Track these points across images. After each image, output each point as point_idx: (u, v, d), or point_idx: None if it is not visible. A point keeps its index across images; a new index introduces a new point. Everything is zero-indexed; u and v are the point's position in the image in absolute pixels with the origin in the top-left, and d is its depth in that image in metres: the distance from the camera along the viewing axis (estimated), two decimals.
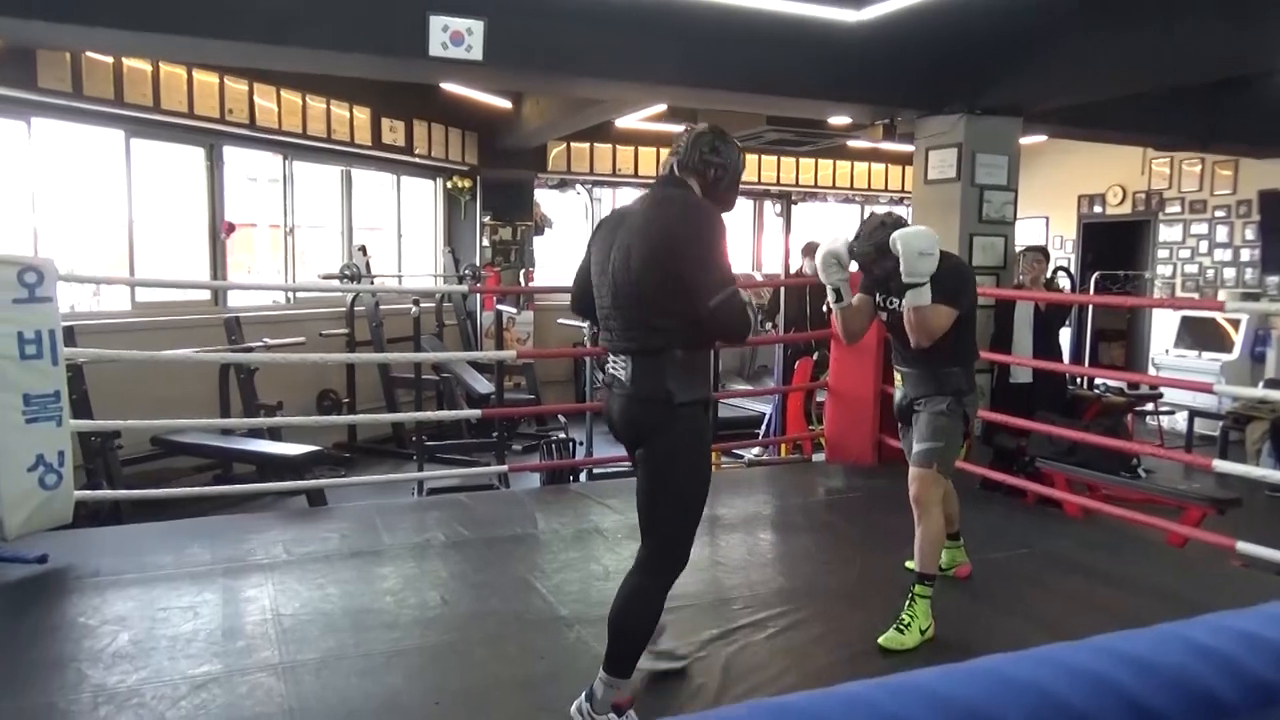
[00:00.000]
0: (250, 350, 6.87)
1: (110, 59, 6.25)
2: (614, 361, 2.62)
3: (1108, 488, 5.29)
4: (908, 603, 3.26)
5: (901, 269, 3.22)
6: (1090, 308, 9.34)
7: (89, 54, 6.09)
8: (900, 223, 3.40)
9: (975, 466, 5.58)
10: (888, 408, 5.80)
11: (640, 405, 2.55)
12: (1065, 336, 8.42)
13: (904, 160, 11.19)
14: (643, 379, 2.53)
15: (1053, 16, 5.62)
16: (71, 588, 3.64)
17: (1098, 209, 11.33)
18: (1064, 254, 11.30)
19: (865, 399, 5.77)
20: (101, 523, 4.92)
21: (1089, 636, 0.72)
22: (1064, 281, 8.61)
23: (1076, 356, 9.24)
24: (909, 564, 3.65)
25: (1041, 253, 6.77)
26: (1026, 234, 10.21)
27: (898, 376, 3.66)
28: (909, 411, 3.55)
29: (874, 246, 3.36)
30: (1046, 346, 6.47)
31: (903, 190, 12.49)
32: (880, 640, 3.18)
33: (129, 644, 3.10)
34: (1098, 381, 8.35)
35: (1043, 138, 9.11)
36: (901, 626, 3.21)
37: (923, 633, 3.21)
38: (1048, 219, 11.64)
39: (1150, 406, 8.95)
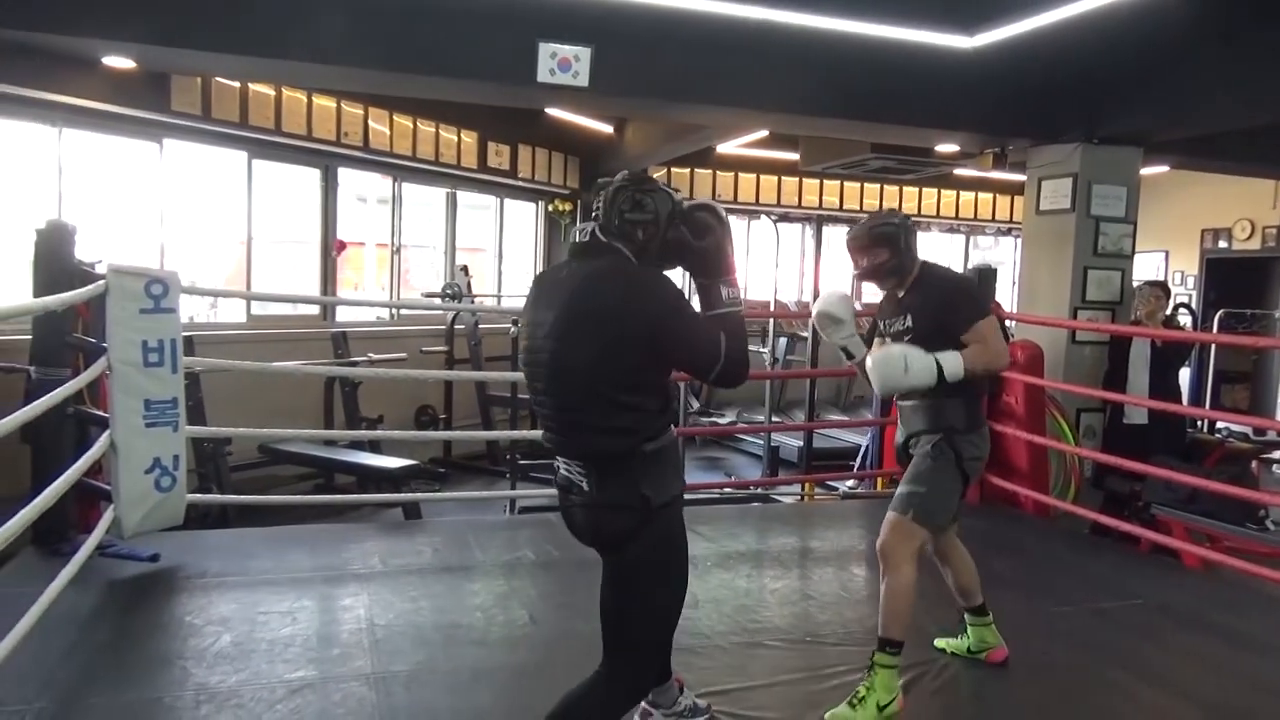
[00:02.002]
0: (355, 364, 7.09)
1: (237, 84, 6.60)
2: (567, 464, 2.22)
3: (1231, 539, 4.95)
4: (868, 671, 2.83)
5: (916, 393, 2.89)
6: (1213, 348, 8.84)
7: (218, 79, 6.43)
8: (907, 220, 3.00)
9: (1086, 510, 5.32)
10: (992, 445, 5.58)
11: (610, 513, 2.17)
12: (1185, 377, 7.99)
13: (1013, 190, 10.87)
14: (610, 485, 2.15)
15: (1180, 41, 5.37)
16: (180, 587, 3.79)
17: (1223, 244, 10.76)
18: (1185, 290, 10.76)
19: None
20: (210, 525, 5.11)
21: (1209, 697, 0.64)
22: (1185, 319, 8.19)
23: (1196, 398, 8.75)
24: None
25: (1161, 288, 6.44)
26: (1144, 269, 9.75)
27: (899, 413, 3.21)
28: (905, 452, 3.10)
29: (870, 235, 2.97)
30: (1164, 387, 6.12)
31: (1011, 220, 12.13)
32: (827, 715, 2.76)
33: (230, 645, 3.20)
34: (1220, 426, 7.87)
35: (1164, 168, 8.72)
36: (855, 700, 2.77)
37: (880, 708, 2.74)
38: (1167, 253, 11.12)
39: (1279, 454, 8.39)
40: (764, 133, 8.40)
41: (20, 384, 4.57)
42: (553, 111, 8.44)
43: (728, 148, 9.79)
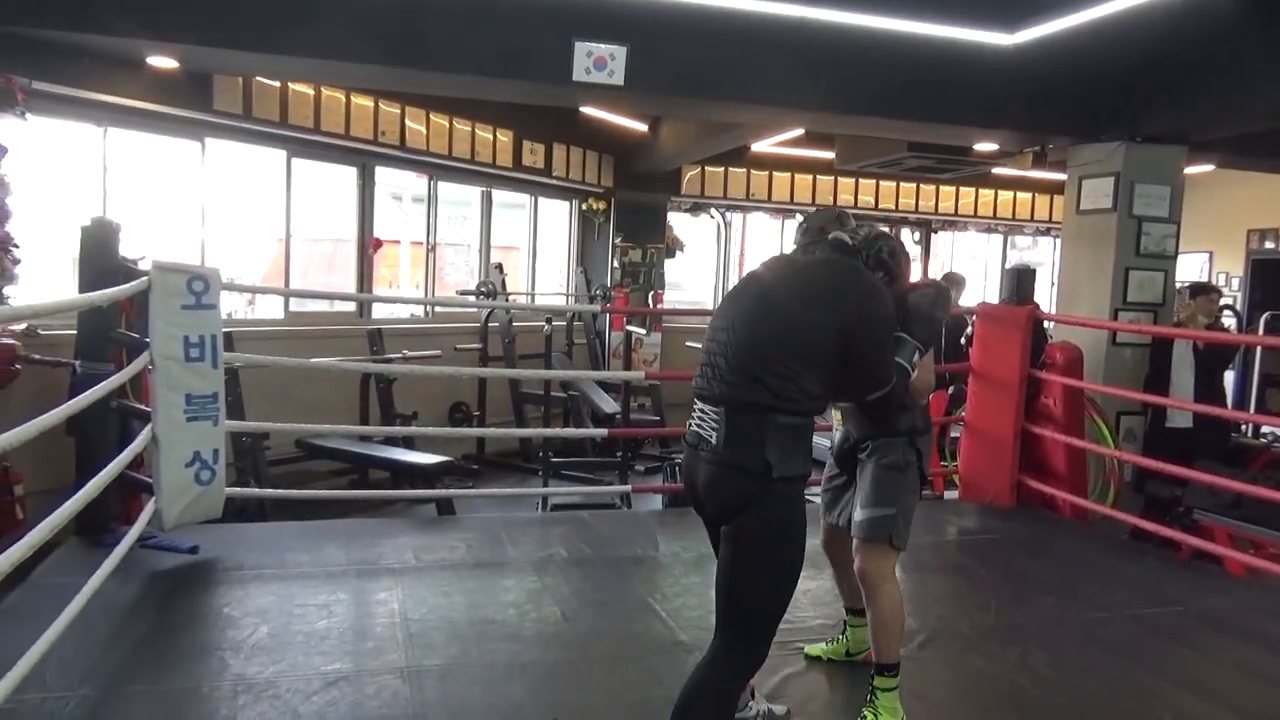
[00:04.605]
0: (390, 361, 7.15)
1: (277, 84, 6.68)
2: (702, 413, 2.30)
3: (1276, 546, 4.85)
4: (868, 698, 2.74)
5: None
6: (1258, 350, 8.65)
7: (258, 79, 6.52)
8: (887, 236, 2.76)
9: (1125, 515, 5.24)
10: (1029, 447, 5.55)
11: (731, 476, 2.23)
12: (1230, 381, 7.83)
13: (1053, 189, 10.73)
14: (737, 443, 2.21)
15: (1225, 37, 5.26)
16: (219, 579, 3.85)
17: (1269, 244, 10.52)
18: (1230, 292, 10.54)
19: (1005, 437, 5.50)
20: (248, 518, 5.18)
21: (1250, 706, 0.62)
22: (1230, 321, 8.02)
23: (1241, 402, 8.57)
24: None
25: (1203, 291, 6.26)
26: (1188, 269, 9.59)
27: (837, 413, 3.05)
28: (852, 456, 2.97)
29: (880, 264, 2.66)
30: (1208, 390, 6.01)
31: (1050, 220, 11.96)
32: None
33: (267, 637, 3.25)
34: (1265, 430, 7.71)
35: (1209, 167, 8.54)
36: None
37: None
38: (1211, 254, 10.89)
39: None
40: (799, 131, 8.35)
41: (66, 378, 4.67)
42: (587, 110, 8.46)
43: (762, 146, 9.75)
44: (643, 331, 9.70)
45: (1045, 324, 6.00)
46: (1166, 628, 3.77)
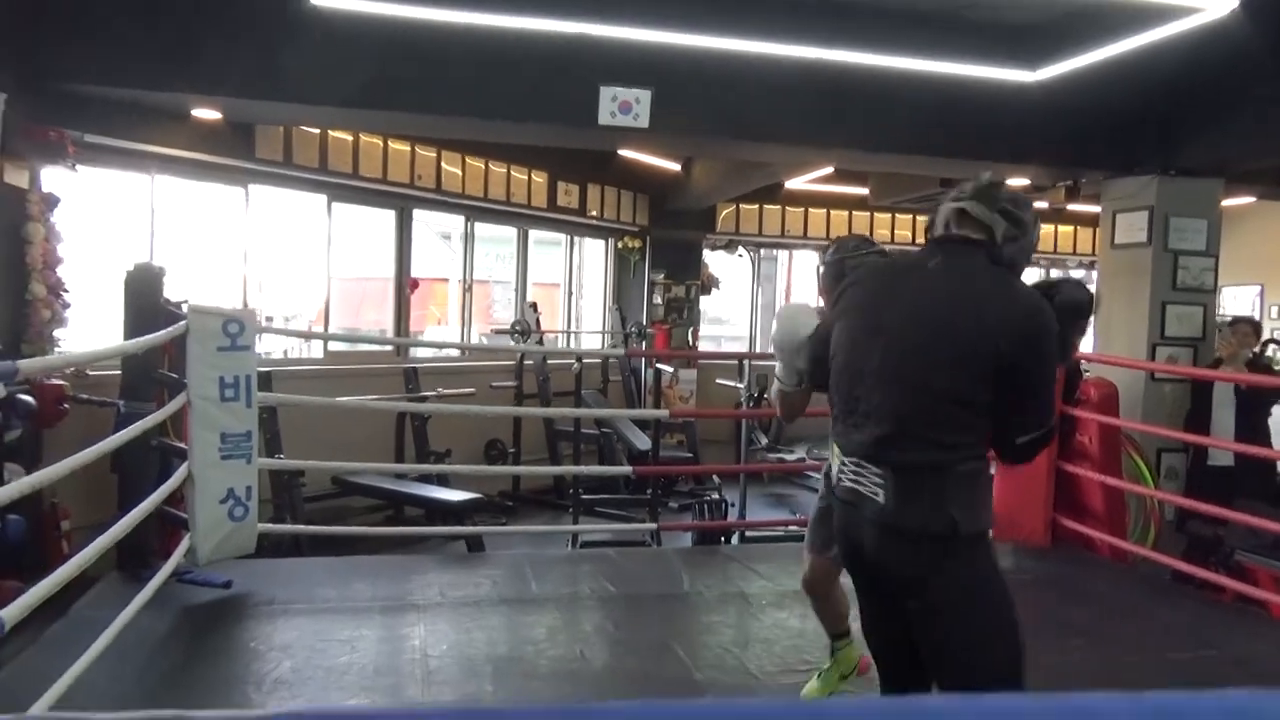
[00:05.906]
0: (424, 399, 7.27)
1: (316, 131, 6.91)
2: (857, 470, 1.98)
3: None
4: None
5: None
6: None
7: (299, 128, 6.76)
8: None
9: (1166, 557, 5.11)
10: (1064, 485, 5.45)
11: (910, 543, 1.91)
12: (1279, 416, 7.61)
13: (1093, 221, 10.59)
14: (913, 503, 1.90)
15: (1253, 67, 5.21)
16: (249, 613, 3.94)
17: None
18: None
19: (1039, 474, 5.40)
20: (283, 554, 5.29)
21: None
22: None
23: None
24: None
25: (1248, 325, 6.17)
26: (1238, 303, 9.38)
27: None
28: None
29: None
30: (1252, 427, 5.86)
31: (1092, 253, 11.79)
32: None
33: (290, 671, 3.32)
34: None
35: (1250, 199, 8.39)
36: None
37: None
38: (1263, 286, 10.62)
39: None
40: (829, 169, 8.39)
41: (112, 417, 4.84)
42: (623, 151, 8.59)
43: (796, 183, 9.80)
44: (670, 370, 9.73)
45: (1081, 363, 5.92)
46: (1196, 672, 3.67)
